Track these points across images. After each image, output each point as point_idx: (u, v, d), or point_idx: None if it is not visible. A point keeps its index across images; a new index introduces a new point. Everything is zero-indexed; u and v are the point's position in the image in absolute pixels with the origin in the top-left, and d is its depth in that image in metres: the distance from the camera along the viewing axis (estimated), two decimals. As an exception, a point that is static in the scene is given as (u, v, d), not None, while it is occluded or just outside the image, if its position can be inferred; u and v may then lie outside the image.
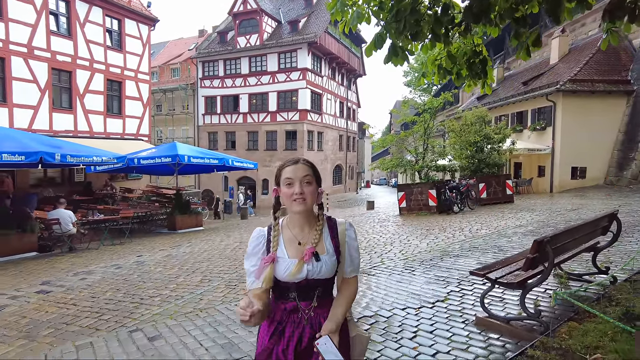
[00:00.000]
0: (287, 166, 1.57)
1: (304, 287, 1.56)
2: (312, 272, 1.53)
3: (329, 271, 1.55)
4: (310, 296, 1.57)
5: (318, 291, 1.57)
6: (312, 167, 1.60)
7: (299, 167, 1.55)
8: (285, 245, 1.59)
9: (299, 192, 1.51)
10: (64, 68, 14.88)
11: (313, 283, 1.55)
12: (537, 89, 17.69)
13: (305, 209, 1.54)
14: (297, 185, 1.52)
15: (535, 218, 9.68)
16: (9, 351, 3.74)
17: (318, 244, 1.56)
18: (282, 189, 1.56)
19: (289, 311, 1.57)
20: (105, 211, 11.20)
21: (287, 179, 1.54)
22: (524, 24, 3.71)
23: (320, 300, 1.58)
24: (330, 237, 1.60)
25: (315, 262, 1.53)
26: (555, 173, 16.96)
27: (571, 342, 2.46)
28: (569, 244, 3.63)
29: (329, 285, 1.60)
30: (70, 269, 7.28)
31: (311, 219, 1.61)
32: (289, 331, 1.55)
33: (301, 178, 1.53)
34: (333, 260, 1.56)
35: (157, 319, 4.32)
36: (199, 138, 30.02)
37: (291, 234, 1.60)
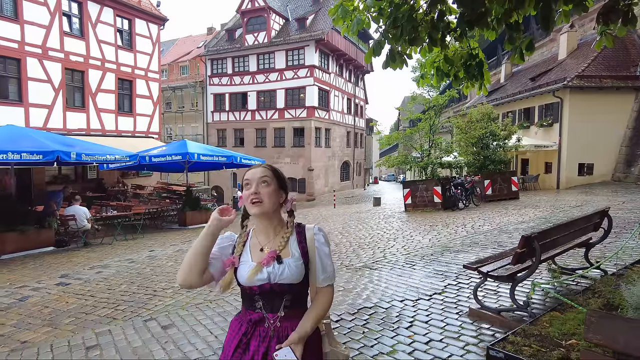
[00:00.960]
0: (249, 170, 1.56)
1: (269, 294, 1.48)
2: (273, 274, 1.46)
3: (294, 275, 1.47)
4: (277, 306, 1.49)
5: (285, 300, 1.49)
6: (272, 169, 1.57)
7: (257, 170, 1.53)
8: (251, 251, 1.54)
9: (253, 192, 1.47)
10: (77, 68, 15.26)
11: (278, 289, 1.47)
12: (544, 85, 17.67)
13: (262, 212, 1.49)
14: (253, 186, 1.49)
15: (538, 215, 9.81)
16: (35, 337, 4.04)
17: (283, 250, 1.50)
18: (243, 192, 1.53)
19: (255, 322, 1.50)
20: (117, 207, 11.56)
21: (245, 180, 1.52)
22: (517, 29, 3.89)
23: (289, 311, 1.49)
24: (297, 242, 1.54)
25: (277, 265, 1.47)
26: (562, 169, 16.97)
27: (550, 330, 2.67)
28: (558, 240, 3.82)
29: (298, 294, 1.51)
30: (86, 263, 7.61)
31: (277, 226, 1.56)
32: (254, 345, 1.47)
33: (258, 179, 1.49)
34: (299, 264, 1.48)
35: (169, 310, 4.60)
36: (208, 135, 30.40)
37: (257, 240, 1.56)
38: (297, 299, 1.52)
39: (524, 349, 2.47)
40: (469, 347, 3.21)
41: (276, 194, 1.52)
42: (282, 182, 1.57)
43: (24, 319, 4.62)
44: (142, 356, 3.42)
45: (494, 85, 26.33)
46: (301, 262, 1.50)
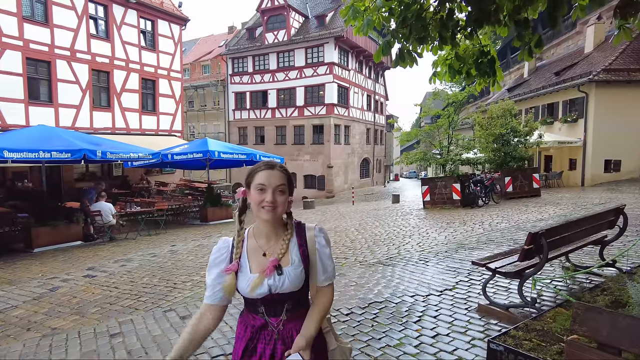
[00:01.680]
0: (261, 170, 1.46)
1: (270, 301, 1.45)
2: (274, 286, 1.43)
3: (294, 284, 1.45)
4: (279, 311, 1.47)
5: (287, 305, 1.47)
6: (287, 175, 1.50)
7: (274, 175, 1.45)
8: (249, 256, 1.49)
9: (270, 201, 1.42)
10: (103, 69, 15.79)
11: (279, 298, 1.45)
12: (569, 80, 17.21)
13: (273, 218, 1.45)
14: (269, 193, 1.42)
15: (559, 212, 9.64)
16: (64, 324, 4.31)
17: (284, 256, 1.47)
18: (252, 193, 1.45)
19: (259, 327, 1.48)
20: (141, 204, 11.96)
21: (259, 185, 1.43)
22: (526, 26, 3.89)
23: (291, 313, 1.48)
24: (297, 245, 1.50)
25: (277, 277, 1.43)
26: (587, 166, 16.52)
27: (553, 325, 2.70)
28: (569, 237, 3.81)
29: (299, 297, 1.50)
30: (111, 256, 7.96)
31: (278, 228, 1.52)
32: (260, 348, 1.46)
33: (274, 187, 1.43)
34: (298, 272, 1.46)
35: (188, 301, 4.81)
36: (230, 133, 30.87)
37: (256, 243, 1.51)
38: (298, 301, 1.50)
39: (524, 342, 2.52)
40: (474, 341, 3.27)
41: (288, 200, 1.48)
42: (292, 188, 1.53)
43: (55, 307, 4.92)
44: (161, 344, 3.62)
45: (517, 80, 25.77)
46: (301, 269, 1.47)
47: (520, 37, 4.07)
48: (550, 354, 2.38)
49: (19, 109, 13.10)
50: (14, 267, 7.29)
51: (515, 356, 2.39)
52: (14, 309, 4.97)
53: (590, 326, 1.62)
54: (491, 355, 2.52)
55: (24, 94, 13.20)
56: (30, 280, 6.28)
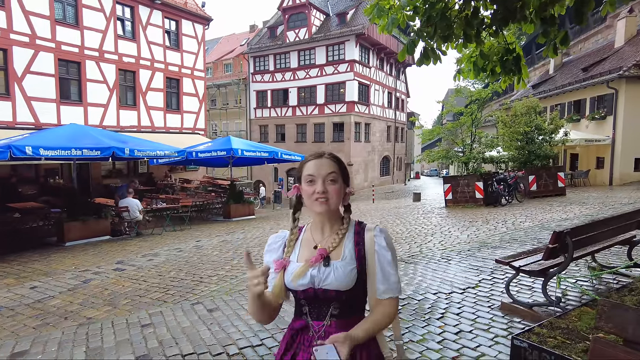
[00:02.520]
0: (309, 161, 1.39)
1: (314, 300, 1.34)
2: (317, 278, 1.31)
3: (340, 281, 1.30)
4: (324, 314, 1.34)
5: (333, 308, 1.33)
6: (338, 162, 1.40)
7: (322, 163, 1.36)
8: (300, 248, 1.42)
9: (320, 192, 1.33)
10: (129, 68, 16.24)
11: (322, 295, 1.32)
12: (597, 76, 16.72)
13: (327, 210, 1.35)
14: (319, 184, 1.34)
15: (585, 212, 9.43)
16: (98, 314, 4.52)
17: (335, 249, 1.35)
18: (303, 186, 1.38)
19: (299, 330, 1.39)
20: (166, 200, 12.27)
21: (308, 176, 1.36)
22: (552, 23, 3.86)
23: (337, 320, 1.33)
24: (354, 242, 1.37)
25: (323, 268, 1.32)
26: (616, 165, 16.04)
27: (578, 324, 2.70)
28: (595, 236, 3.77)
29: (348, 302, 1.34)
30: (138, 251, 8.23)
31: (334, 222, 1.41)
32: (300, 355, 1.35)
33: (324, 176, 1.34)
34: (349, 270, 1.31)
35: (214, 295, 4.96)
36: (251, 131, 31.22)
37: (310, 236, 1.43)
38: (348, 308, 1.34)
39: (549, 340, 2.53)
40: (497, 338, 3.29)
41: (342, 190, 1.39)
42: (346, 175, 1.42)
43: (88, 298, 5.15)
44: (190, 335, 3.76)
45: (542, 77, 25.16)
46: (352, 268, 1.32)
47: (545, 34, 4.04)
48: (575, 351, 2.39)
49: (51, 109, 13.62)
50: (49, 260, 7.63)
51: (540, 353, 2.41)
52: (51, 299, 5.22)
53: (616, 323, 1.64)
54: (515, 352, 2.54)
55: (56, 93, 13.72)
56: (65, 273, 6.57)
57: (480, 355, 3.04)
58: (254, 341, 3.56)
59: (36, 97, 13.17)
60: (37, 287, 5.80)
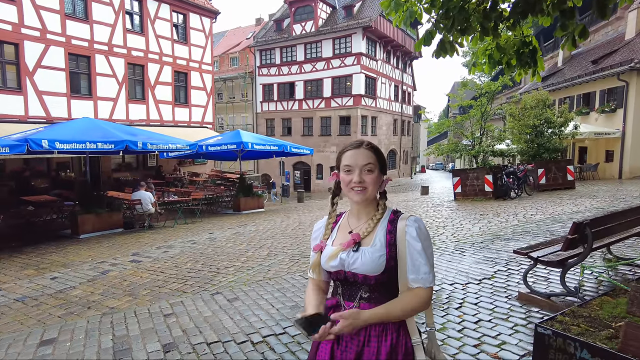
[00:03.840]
0: (348, 150, 1.44)
1: (345, 281, 1.42)
2: (346, 262, 1.38)
3: (367, 267, 1.35)
4: (353, 296, 1.41)
5: (362, 291, 1.39)
6: (376, 152, 1.44)
7: (359, 153, 1.41)
8: (338, 233, 1.50)
9: (357, 182, 1.39)
10: (138, 62, 16.29)
11: (352, 278, 1.39)
12: (608, 68, 16.57)
13: (364, 199, 1.42)
14: (356, 174, 1.39)
15: (595, 205, 9.43)
16: (120, 304, 4.62)
17: (368, 235, 1.40)
18: (341, 175, 1.44)
19: (332, 307, 1.46)
20: (177, 193, 12.39)
21: (346, 166, 1.42)
22: (571, 16, 3.86)
23: (366, 304, 1.38)
24: (386, 230, 1.40)
25: (352, 252, 1.38)
26: (626, 158, 15.95)
27: (600, 313, 2.75)
28: (613, 228, 3.80)
29: (378, 288, 1.38)
30: (152, 243, 8.34)
31: (370, 208, 1.46)
32: None
33: (362, 166, 1.39)
34: (376, 257, 1.35)
35: (233, 285, 5.05)
36: (257, 125, 31.27)
37: (347, 222, 1.51)
38: (378, 294, 1.38)
39: (572, 327, 2.58)
40: (517, 327, 3.35)
41: (379, 179, 1.43)
42: (383, 164, 1.46)
43: (108, 289, 5.26)
44: (213, 324, 3.85)
45: (550, 70, 24.96)
46: (381, 255, 1.35)
47: (564, 27, 4.04)
48: (599, 338, 2.44)
49: (62, 103, 13.73)
50: (66, 252, 7.76)
51: (564, 340, 2.46)
52: (72, 289, 5.34)
53: (647, 308, 1.69)
54: (539, 339, 2.60)
55: (67, 87, 13.81)
56: (82, 264, 6.69)
57: (501, 343, 3.10)
58: (277, 330, 3.64)
59: (47, 92, 13.27)
60: (57, 277, 5.92)
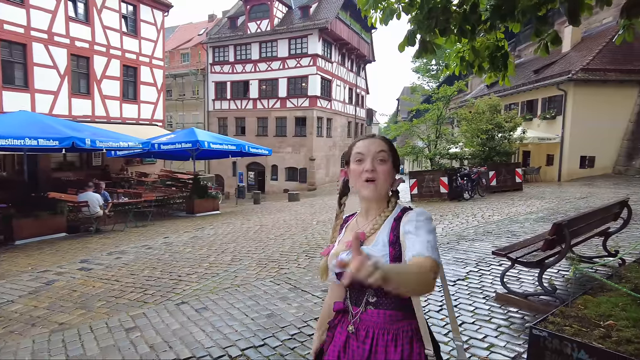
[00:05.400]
0: (360, 140, 1.37)
1: (351, 285, 1.29)
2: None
3: None
4: (360, 300, 1.32)
5: (368, 295, 1.29)
6: (389, 143, 1.36)
7: (373, 142, 1.34)
8: (346, 233, 1.42)
9: (369, 169, 1.29)
10: (82, 54, 15.17)
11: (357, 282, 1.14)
12: (549, 78, 17.74)
13: (375, 194, 1.31)
14: (368, 161, 1.30)
15: (545, 205, 9.98)
16: (71, 319, 4.14)
17: (374, 234, 1.31)
18: (352, 166, 1.35)
19: (337, 311, 1.40)
20: (127, 194, 11.62)
21: (357, 154, 1.33)
22: (545, 22, 3.97)
23: (373, 309, 1.29)
24: (390, 228, 1.30)
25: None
26: (564, 162, 17.14)
27: (586, 312, 2.80)
28: (582, 228, 3.94)
29: (384, 293, 1.25)
30: (102, 248, 7.70)
31: (380, 206, 1.36)
32: (338, 331, 1.38)
33: (374, 153, 1.31)
34: (380, 256, 1.24)
35: (199, 294, 4.71)
36: (209, 123, 30.31)
37: (356, 222, 1.42)
38: (385, 299, 1.27)
39: (565, 328, 2.59)
40: (501, 329, 3.35)
41: (392, 173, 1.33)
42: (396, 158, 1.37)
43: (55, 302, 4.72)
44: (183, 338, 3.53)
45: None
46: (383, 255, 1.25)
47: (538, 33, 4.15)
48: (593, 338, 2.47)
49: (-7, 94, 12.44)
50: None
51: (560, 341, 2.45)
52: (10, 303, 4.74)
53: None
54: (534, 341, 2.58)
55: (-2, 77, 12.54)
56: (21, 274, 6.01)
57: (489, 345, 3.08)
58: (255, 342, 3.40)
59: (-25, 81, 11.97)
60: (-8, 290, 5.25)
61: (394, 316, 1.27)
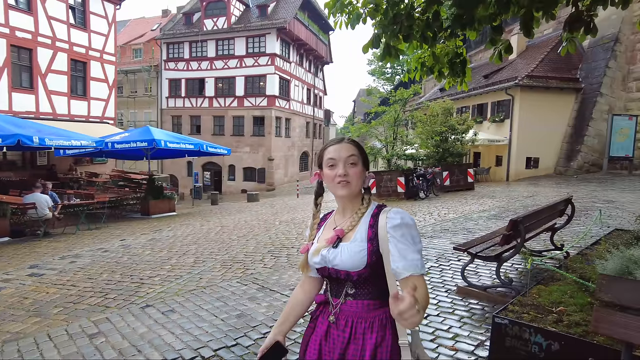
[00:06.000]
0: (330, 145, 1.45)
1: (331, 279, 1.43)
2: (326, 258, 1.39)
3: (346, 263, 1.34)
4: (339, 292, 1.41)
5: (347, 288, 1.39)
6: (358, 146, 1.45)
7: (342, 146, 1.42)
8: (324, 231, 1.50)
9: (342, 174, 1.38)
10: (24, 45, 14.20)
11: (335, 275, 1.39)
12: (497, 83, 18.78)
13: (350, 193, 1.41)
14: (340, 166, 1.39)
15: (496, 204, 10.58)
16: (25, 328, 3.91)
17: (351, 231, 1.40)
18: (325, 170, 1.43)
19: (321, 303, 1.48)
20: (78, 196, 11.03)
21: (329, 160, 1.41)
22: (500, 32, 4.26)
23: (353, 300, 1.38)
24: (368, 224, 1.38)
25: (332, 249, 1.38)
26: (512, 163, 18.21)
27: (540, 300, 3.05)
28: (534, 224, 4.26)
29: (362, 283, 1.36)
30: (53, 253, 7.28)
31: (355, 204, 1.45)
32: (319, 322, 1.46)
33: (345, 158, 1.40)
34: (355, 252, 1.34)
35: (164, 297, 4.59)
36: (163, 122, 29.32)
37: (333, 219, 1.51)
38: (363, 290, 1.37)
39: (524, 316, 2.81)
40: (464, 319, 3.56)
41: (363, 173, 1.43)
42: (366, 159, 1.47)
43: (4, 310, 4.43)
44: (152, 341, 3.45)
45: (448, 81, 27.45)
46: (361, 250, 1.33)
47: (493, 42, 4.45)
48: (547, 323, 2.70)
49: None
50: None
51: (519, 327, 2.67)
52: (-48, 313, 4.39)
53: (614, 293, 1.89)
54: (496, 328, 2.78)
55: None
56: (-39, 282, 5.56)
57: (454, 335, 3.26)
58: (227, 342, 3.39)
59: None
60: None
61: (371, 305, 1.36)
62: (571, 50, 4.49)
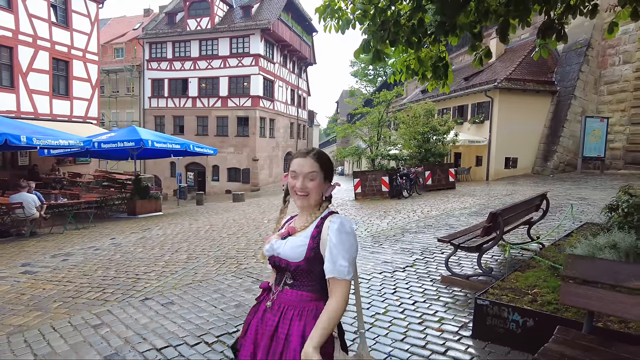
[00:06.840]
0: (295, 158, 1.57)
1: (275, 267, 1.59)
2: (273, 247, 1.56)
3: (288, 253, 1.50)
4: (279, 280, 1.57)
5: (287, 277, 1.54)
6: (320, 161, 1.56)
7: (305, 162, 1.53)
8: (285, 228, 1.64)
9: (299, 187, 1.52)
10: (4, 43, 13.98)
11: (278, 263, 1.54)
12: (477, 85, 19.37)
13: (307, 204, 1.56)
14: (299, 180, 1.52)
15: (477, 202, 11.01)
16: (28, 321, 4.02)
17: (303, 230, 1.55)
18: (289, 178, 1.58)
19: (264, 289, 1.64)
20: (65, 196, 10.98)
21: (292, 172, 1.55)
22: (480, 38, 4.57)
23: (290, 290, 1.53)
24: (316, 225, 1.53)
25: (280, 241, 1.55)
26: (491, 163, 18.81)
27: (517, 284, 3.36)
28: (512, 218, 4.59)
29: (300, 275, 1.51)
30: (43, 252, 7.30)
31: (313, 209, 1.58)
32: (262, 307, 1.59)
33: (305, 174, 1.52)
34: (296, 245, 1.50)
35: (162, 290, 4.75)
36: (145, 122, 29.04)
37: (294, 220, 1.67)
38: (300, 281, 1.52)
39: (502, 297, 3.11)
40: (448, 305, 3.85)
41: (322, 186, 1.56)
42: (328, 172, 1.58)
43: (4, 305, 4.51)
44: (155, 330, 3.62)
45: (430, 83, 28.05)
46: (301, 245, 1.50)
47: (473, 48, 4.78)
48: (523, 303, 3.00)
49: None
50: None
51: (499, 307, 2.97)
52: (-50, 310, 4.45)
53: (579, 269, 2.18)
54: (478, 308, 3.07)
55: None
56: (-46, 280, 5.58)
57: (440, 319, 3.54)
58: (228, 328, 3.59)
59: None
60: None
61: (305, 296, 1.51)
62: (544, 55, 4.84)
